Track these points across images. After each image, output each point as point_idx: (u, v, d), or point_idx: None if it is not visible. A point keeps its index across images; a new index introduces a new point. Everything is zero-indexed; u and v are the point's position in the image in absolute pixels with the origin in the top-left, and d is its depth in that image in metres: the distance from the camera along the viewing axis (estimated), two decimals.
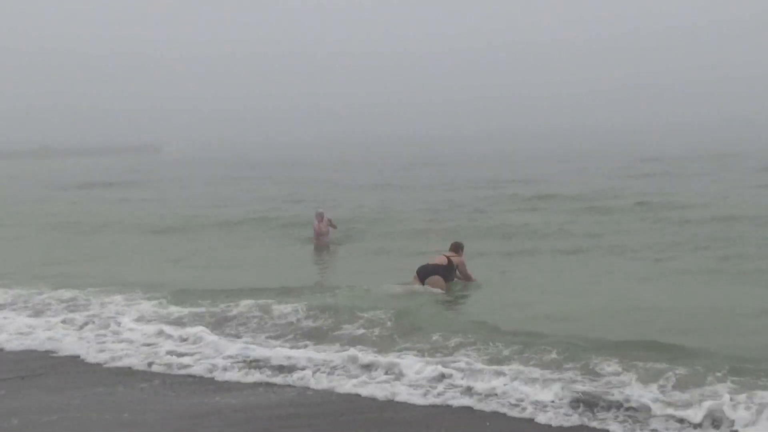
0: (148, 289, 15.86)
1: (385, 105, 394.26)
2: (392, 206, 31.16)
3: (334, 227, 23.27)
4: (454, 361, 10.43)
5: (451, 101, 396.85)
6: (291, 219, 27.44)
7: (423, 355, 10.87)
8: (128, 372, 11.12)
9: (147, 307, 14.51)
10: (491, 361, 10.41)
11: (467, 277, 15.92)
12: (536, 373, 9.83)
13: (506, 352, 10.75)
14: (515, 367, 10.11)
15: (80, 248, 23.67)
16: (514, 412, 8.85)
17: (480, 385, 9.50)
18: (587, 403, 8.86)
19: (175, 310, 14.15)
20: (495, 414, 8.89)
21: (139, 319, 13.68)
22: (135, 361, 11.53)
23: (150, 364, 11.36)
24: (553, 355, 10.44)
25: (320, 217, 23.10)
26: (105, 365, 11.49)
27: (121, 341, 12.48)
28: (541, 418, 8.63)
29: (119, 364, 11.48)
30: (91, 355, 11.90)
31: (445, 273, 15.57)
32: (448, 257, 15.82)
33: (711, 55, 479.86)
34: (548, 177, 43.89)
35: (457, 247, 16.22)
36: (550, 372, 9.90)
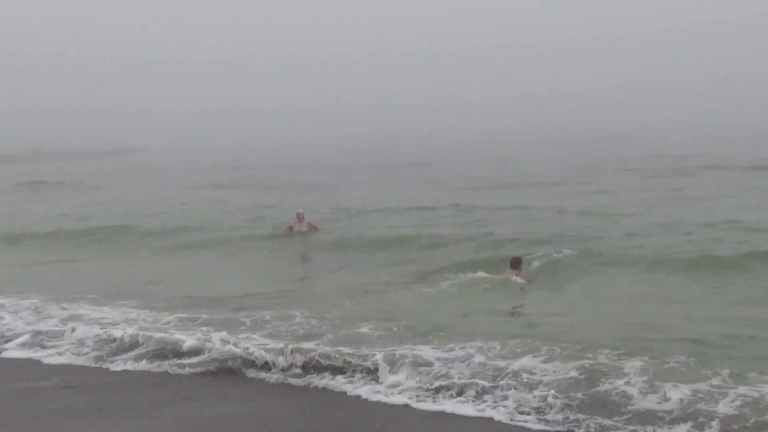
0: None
1: (383, 105, 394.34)
2: (368, 209, 30.26)
3: (317, 228, 23.05)
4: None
5: (454, 102, 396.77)
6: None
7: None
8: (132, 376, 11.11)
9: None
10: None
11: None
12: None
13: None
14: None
15: None
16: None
17: None
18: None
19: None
20: None
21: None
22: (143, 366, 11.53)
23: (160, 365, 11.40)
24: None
25: (300, 217, 23.01)
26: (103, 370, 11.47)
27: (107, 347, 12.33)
28: None
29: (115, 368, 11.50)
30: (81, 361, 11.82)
31: None
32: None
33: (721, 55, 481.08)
34: (552, 180, 43.61)
35: (517, 264, 16.25)
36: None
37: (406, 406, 9.46)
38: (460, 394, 9.63)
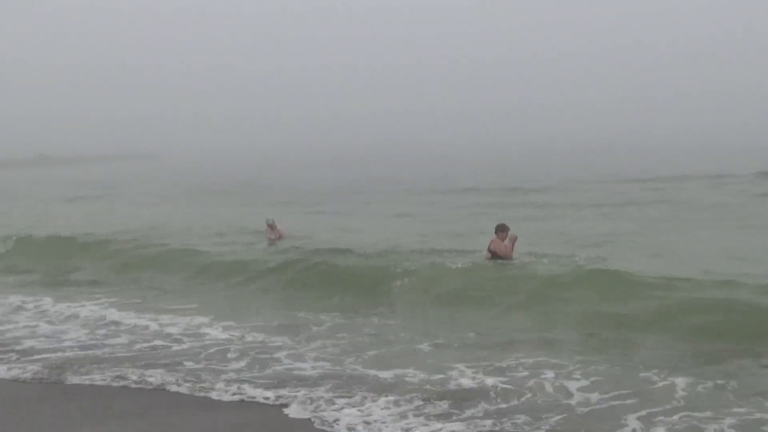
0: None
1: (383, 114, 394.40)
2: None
3: (292, 236, 22.47)
4: None
5: (462, 110, 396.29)
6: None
7: None
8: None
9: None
10: None
11: (505, 256, 17.11)
12: None
13: None
14: None
15: None
16: None
17: None
18: None
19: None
20: None
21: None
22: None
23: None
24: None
25: (270, 225, 22.65)
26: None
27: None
28: None
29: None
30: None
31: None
32: (490, 251, 17.13)
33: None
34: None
35: (496, 230, 17.42)
36: None
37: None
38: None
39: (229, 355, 12.34)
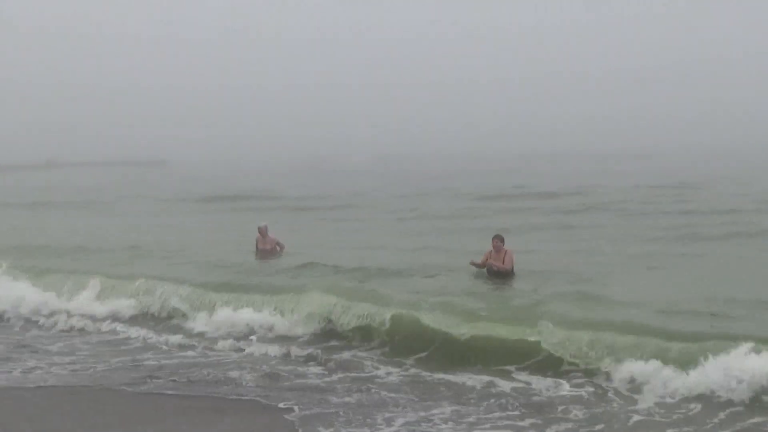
0: None
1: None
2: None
3: (282, 247, 21.03)
4: None
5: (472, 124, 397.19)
6: None
7: None
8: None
9: None
10: None
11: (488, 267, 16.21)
12: None
13: None
14: None
15: None
16: None
17: None
18: None
19: None
20: None
21: None
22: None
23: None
24: None
25: (263, 231, 21.10)
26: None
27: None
28: None
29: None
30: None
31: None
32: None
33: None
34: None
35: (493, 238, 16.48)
36: None
37: None
38: None
39: (294, 359, 12.33)
